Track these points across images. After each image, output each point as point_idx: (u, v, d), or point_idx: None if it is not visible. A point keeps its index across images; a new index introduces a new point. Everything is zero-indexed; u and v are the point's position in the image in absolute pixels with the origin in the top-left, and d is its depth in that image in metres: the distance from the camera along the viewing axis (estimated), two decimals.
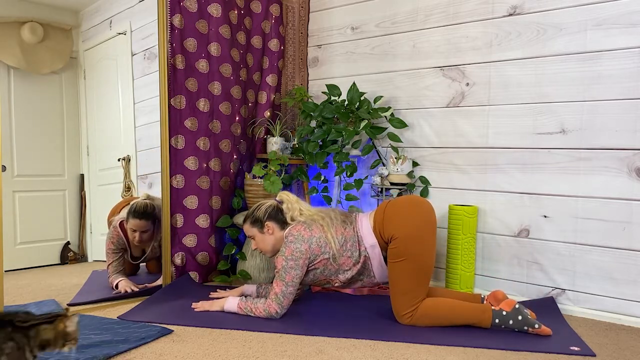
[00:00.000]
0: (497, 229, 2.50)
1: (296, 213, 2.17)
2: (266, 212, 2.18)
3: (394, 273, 2.00)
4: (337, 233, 2.08)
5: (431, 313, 1.97)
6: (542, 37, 2.33)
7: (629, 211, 2.14)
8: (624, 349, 1.82)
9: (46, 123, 2.47)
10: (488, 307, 1.96)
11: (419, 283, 1.99)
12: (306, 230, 2.08)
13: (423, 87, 2.72)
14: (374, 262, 2.07)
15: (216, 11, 2.73)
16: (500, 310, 1.94)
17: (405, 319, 2.00)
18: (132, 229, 2.49)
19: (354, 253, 2.06)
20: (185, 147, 2.64)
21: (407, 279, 1.98)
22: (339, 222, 2.12)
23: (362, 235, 2.07)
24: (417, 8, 2.73)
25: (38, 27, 2.39)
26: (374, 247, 2.05)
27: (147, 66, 2.61)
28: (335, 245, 2.05)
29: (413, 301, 1.98)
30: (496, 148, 2.48)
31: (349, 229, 2.10)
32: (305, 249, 2.04)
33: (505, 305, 1.95)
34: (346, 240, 2.07)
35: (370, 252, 2.06)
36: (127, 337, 1.79)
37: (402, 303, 1.99)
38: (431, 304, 1.98)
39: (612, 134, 2.17)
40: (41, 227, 2.47)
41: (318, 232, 2.07)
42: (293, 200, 2.22)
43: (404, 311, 1.99)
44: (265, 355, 1.69)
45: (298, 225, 2.11)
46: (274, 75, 3.09)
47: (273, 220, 2.17)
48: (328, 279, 2.13)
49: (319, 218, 2.13)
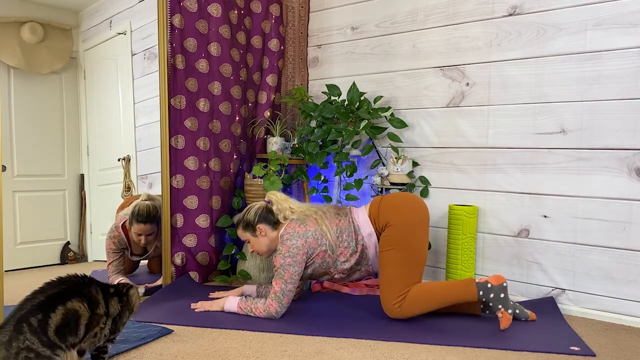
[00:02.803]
0: (497, 229, 2.50)
1: (287, 212, 2.18)
2: (256, 215, 2.19)
3: (384, 262, 2.03)
4: (331, 224, 2.11)
5: (418, 298, 1.99)
6: (542, 37, 2.33)
7: (629, 211, 2.14)
8: (624, 349, 1.82)
9: (46, 123, 2.47)
10: (471, 280, 1.99)
11: (408, 273, 2.01)
12: (301, 226, 2.09)
13: (423, 87, 2.72)
14: (370, 250, 2.10)
15: (216, 11, 2.73)
16: (485, 282, 1.97)
17: (394, 310, 2.00)
18: (138, 233, 2.48)
19: (350, 243, 2.09)
20: (185, 147, 2.64)
21: (396, 267, 2.00)
22: (332, 215, 2.15)
23: (359, 225, 2.10)
24: (417, 8, 2.73)
25: (38, 27, 2.39)
26: (371, 236, 2.09)
27: (147, 66, 2.61)
28: (331, 236, 2.08)
29: (401, 291, 1.99)
30: (496, 148, 2.48)
31: (343, 221, 2.12)
32: (301, 244, 2.05)
33: (493, 278, 1.98)
34: (342, 231, 2.10)
35: (367, 241, 2.09)
36: (127, 337, 1.79)
37: (390, 293, 2.00)
38: (416, 291, 2.00)
39: (612, 134, 2.17)
40: (41, 227, 2.47)
41: (313, 226, 2.09)
42: (281, 199, 2.22)
43: (392, 301, 2.00)
44: (265, 355, 1.69)
45: (292, 222, 2.12)
46: (274, 75, 3.09)
47: (264, 222, 2.18)
48: (327, 271, 2.14)
49: (311, 213, 2.15)
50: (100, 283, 1.48)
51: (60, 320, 1.29)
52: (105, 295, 1.45)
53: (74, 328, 1.32)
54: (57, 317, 1.29)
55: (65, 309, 1.31)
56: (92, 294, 1.40)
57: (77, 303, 1.35)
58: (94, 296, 1.40)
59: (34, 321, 1.26)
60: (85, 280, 1.43)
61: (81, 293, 1.37)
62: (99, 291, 1.43)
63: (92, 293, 1.40)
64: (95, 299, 1.41)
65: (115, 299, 1.48)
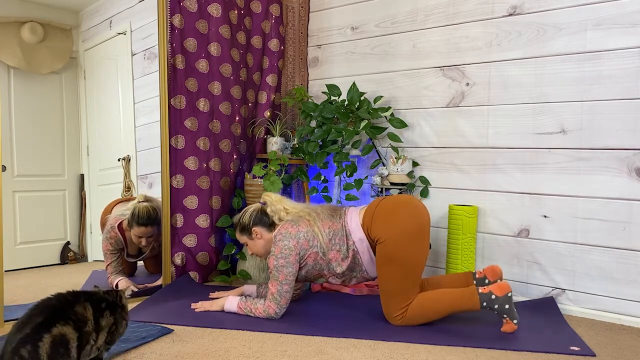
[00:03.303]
0: (497, 229, 2.50)
1: (282, 214, 2.17)
2: (251, 218, 2.19)
3: (383, 276, 2.00)
4: (324, 226, 2.08)
5: (420, 312, 1.97)
6: (542, 37, 2.33)
7: (629, 211, 2.14)
8: (624, 349, 1.82)
9: (46, 123, 2.47)
10: (474, 291, 1.92)
11: (408, 285, 1.98)
12: (293, 226, 2.08)
13: (423, 87, 2.72)
14: (363, 257, 2.06)
15: (216, 11, 2.73)
16: (489, 292, 1.90)
17: (396, 321, 2.00)
18: (138, 235, 2.48)
19: (342, 247, 2.05)
20: (185, 147, 2.64)
21: (396, 282, 1.97)
22: (326, 216, 2.12)
23: (350, 229, 2.06)
24: (417, 8, 2.73)
25: (38, 27, 2.39)
26: (362, 241, 2.04)
27: (147, 66, 2.61)
28: (322, 238, 2.05)
29: (403, 303, 1.98)
30: (496, 148, 2.48)
31: (336, 223, 2.09)
32: (293, 245, 2.04)
33: (497, 288, 1.90)
34: (334, 233, 2.07)
35: (358, 246, 2.04)
36: (128, 337, 1.79)
37: (392, 306, 1.99)
38: (418, 304, 1.97)
39: (612, 134, 2.17)
40: (41, 227, 2.47)
41: (305, 227, 2.08)
42: (276, 201, 2.21)
43: (394, 313, 2.00)
44: (265, 355, 1.69)
45: (286, 223, 2.11)
46: (274, 75, 3.09)
47: (259, 225, 2.18)
48: (321, 273, 2.13)
49: (304, 214, 2.14)
50: (92, 296, 1.45)
51: (50, 349, 1.28)
52: (96, 310, 1.42)
53: (65, 352, 1.31)
54: (46, 346, 1.27)
55: (52, 336, 1.29)
56: (77, 313, 1.37)
57: (63, 327, 1.32)
58: (80, 314, 1.37)
59: (24, 353, 1.25)
60: (69, 297, 1.40)
61: (66, 315, 1.34)
62: (87, 307, 1.40)
63: (78, 312, 1.37)
64: (82, 317, 1.38)
65: (108, 313, 1.46)
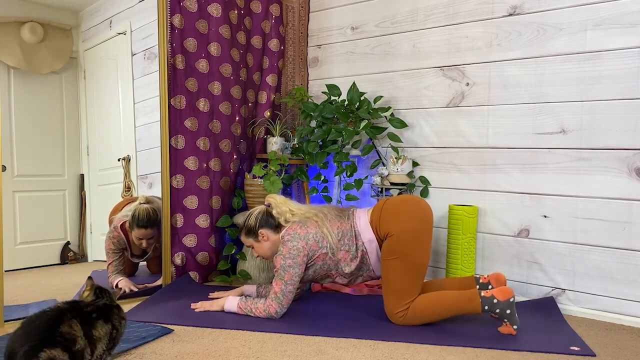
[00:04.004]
0: (497, 229, 2.50)
1: (288, 215, 2.16)
2: (257, 220, 2.18)
3: (387, 271, 2.01)
4: (332, 227, 2.08)
5: (422, 311, 1.97)
6: (542, 37, 2.33)
7: (629, 211, 2.14)
8: (624, 349, 1.82)
9: (46, 123, 2.47)
10: (475, 294, 1.92)
11: (412, 282, 1.98)
12: (302, 228, 2.08)
13: (423, 87, 2.72)
14: (371, 257, 2.07)
15: (216, 11, 2.73)
16: (491, 296, 1.89)
17: (397, 318, 2.00)
18: (139, 237, 2.48)
19: (351, 247, 2.06)
20: (185, 147, 2.64)
21: (401, 278, 1.98)
22: (333, 217, 2.13)
23: (360, 230, 2.07)
24: (417, 8, 2.73)
25: (38, 27, 2.39)
26: (371, 242, 2.05)
27: (147, 66, 2.61)
28: (332, 239, 2.05)
29: (405, 300, 1.98)
30: (496, 148, 2.48)
31: (345, 224, 2.10)
32: (302, 246, 2.04)
33: (500, 293, 1.89)
34: (343, 234, 2.07)
35: (367, 247, 2.06)
36: (128, 337, 1.79)
37: (394, 302, 1.99)
38: (420, 304, 1.97)
39: (612, 134, 2.17)
40: (41, 227, 2.47)
41: (314, 228, 2.07)
42: (280, 202, 2.20)
43: (396, 310, 1.99)
44: (265, 355, 1.69)
45: (293, 225, 2.11)
46: (274, 75, 3.09)
47: (265, 227, 2.17)
48: (329, 273, 2.13)
49: (312, 215, 2.13)
50: (80, 307, 1.37)
51: None
52: (85, 324, 1.34)
53: None
54: None
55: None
56: (64, 334, 1.27)
57: (51, 352, 1.23)
58: (67, 334, 1.28)
59: None
60: (53, 314, 1.31)
61: (52, 338, 1.25)
62: (75, 324, 1.31)
63: (64, 332, 1.28)
64: (70, 336, 1.28)
65: (101, 321, 1.39)
